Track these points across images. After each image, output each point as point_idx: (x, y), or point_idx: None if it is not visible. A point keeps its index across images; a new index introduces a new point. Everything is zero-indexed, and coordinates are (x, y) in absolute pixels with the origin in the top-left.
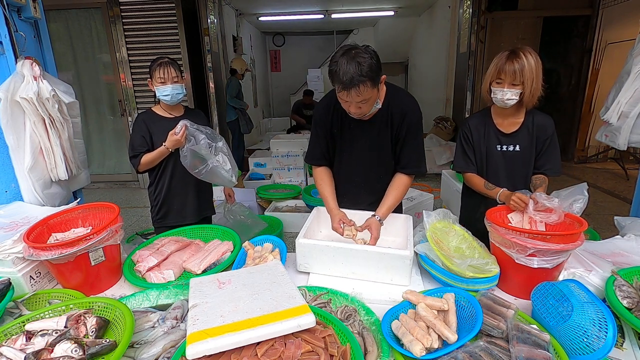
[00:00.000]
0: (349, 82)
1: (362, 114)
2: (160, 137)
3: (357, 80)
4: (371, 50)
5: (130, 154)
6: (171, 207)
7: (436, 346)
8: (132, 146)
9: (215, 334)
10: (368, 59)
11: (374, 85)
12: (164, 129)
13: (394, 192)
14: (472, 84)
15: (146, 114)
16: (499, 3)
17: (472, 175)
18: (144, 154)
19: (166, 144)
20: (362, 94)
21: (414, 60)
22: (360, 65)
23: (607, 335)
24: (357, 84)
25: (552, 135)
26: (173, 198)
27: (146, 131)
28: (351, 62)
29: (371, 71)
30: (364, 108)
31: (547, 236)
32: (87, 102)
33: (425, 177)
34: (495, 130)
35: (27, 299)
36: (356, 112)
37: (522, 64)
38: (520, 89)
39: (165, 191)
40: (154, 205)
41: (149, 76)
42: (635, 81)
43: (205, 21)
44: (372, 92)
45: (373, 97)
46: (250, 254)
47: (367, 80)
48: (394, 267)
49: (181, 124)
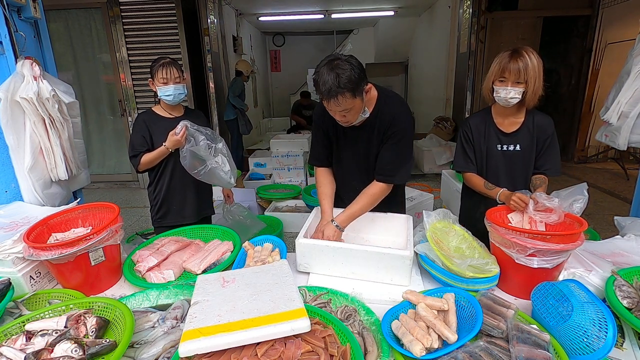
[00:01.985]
0: (327, 93)
1: (348, 122)
2: (160, 137)
3: (334, 91)
4: (353, 61)
5: (131, 154)
6: (170, 207)
7: (436, 346)
8: (132, 146)
9: (209, 333)
10: (348, 70)
11: (355, 96)
12: (164, 129)
13: (361, 200)
14: (472, 84)
15: (146, 113)
16: (499, 3)
17: (472, 175)
18: (144, 154)
19: (166, 144)
20: (342, 104)
21: (414, 60)
22: (338, 77)
23: (607, 335)
24: (335, 95)
25: (552, 135)
26: (172, 198)
27: (146, 131)
28: (330, 72)
29: (350, 82)
30: (349, 117)
31: (547, 236)
32: (87, 102)
33: (425, 177)
34: (495, 130)
35: (27, 299)
36: (341, 120)
37: (526, 62)
38: (523, 87)
39: (164, 191)
40: (154, 205)
41: (150, 76)
42: (635, 81)
43: (205, 21)
44: (354, 102)
45: (356, 107)
46: (250, 254)
47: (345, 92)
48: (394, 267)
49: (181, 124)
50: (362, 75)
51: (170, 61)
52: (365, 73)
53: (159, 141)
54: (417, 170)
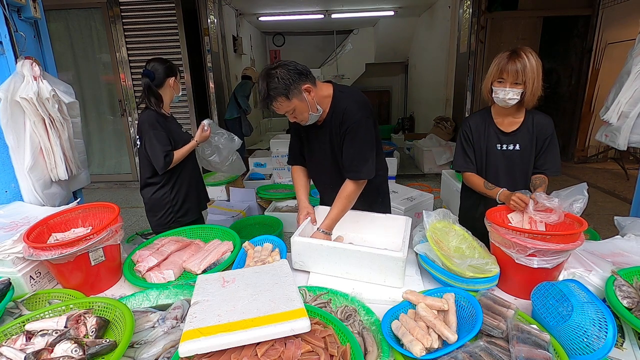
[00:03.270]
0: (262, 101)
1: (304, 121)
2: (174, 135)
3: (267, 98)
4: (289, 66)
5: (163, 153)
6: (192, 202)
7: (436, 346)
8: (161, 145)
9: (209, 333)
10: (274, 76)
11: (289, 98)
12: (175, 127)
13: (338, 203)
14: (472, 84)
15: (154, 113)
16: (499, 3)
17: (472, 174)
18: (173, 152)
19: (196, 138)
20: (280, 108)
21: (414, 60)
22: (268, 85)
23: (607, 335)
24: (270, 101)
25: (552, 135)
26: (192, 193)
27: (165, 129)
28: (263, 82)
29: (277, 88)
30: (298, 117)
31: (547, 236)
32: (87, 102)
33: (425, 177)
34: (495, 129)
35: (27, 299)
36: (293, 120)
37: (524, 63)
38: (521, 88)
39: (186, 187)
40: (172, 205)
41: (172, 74)
42: (635, 81)
43: (205, 21)
44: (290, 103)
45: (299, 107)
46: (250, 254)
47: (276, 96)
48: (387, 269)
49: (207, 121)
50: (297, 77)
51: None
52: (306, 74)
53: (175, 140)
54: (417, 170)
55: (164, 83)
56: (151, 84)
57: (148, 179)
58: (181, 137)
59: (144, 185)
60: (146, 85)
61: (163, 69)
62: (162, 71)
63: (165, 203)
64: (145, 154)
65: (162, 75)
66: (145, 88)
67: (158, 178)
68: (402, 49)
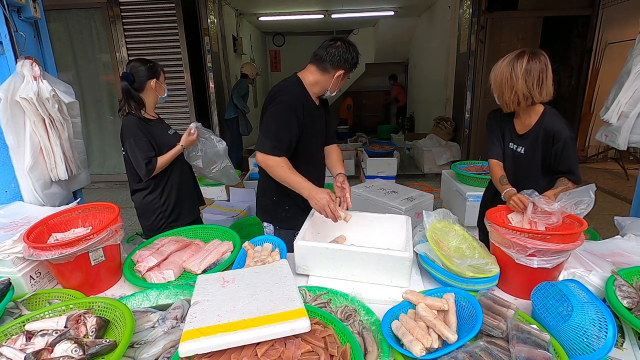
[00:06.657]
0: (357, 64)
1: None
2: (159, 140)
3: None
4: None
5: (144, 160)
6: (183, 206)
7: (436, 346)
8: (141, 153)
9: (209, 333)
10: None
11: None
12: (160, 131)
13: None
14: (472, 84)
15: (135, 119)
16: (499, 3)
17: (496, 163)
18: (156, 158)
19: (182, 143)
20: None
21: (414, 60)
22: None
23: (607, 335)
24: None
25: (565, 142)
26: (184, 196)
27: (146, 135)
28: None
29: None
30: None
31: (547, 236)
32: (87, 102)
33: (425, 177)
34: (511, 128)
35: (27, 299)
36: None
37: (493, 71)
38: (497, 94)
39: (176, 191)
40: (163, 211)
41: (152, 76)
42: (635, 81)
43: (205, 21)
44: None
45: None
46: (250, 254)
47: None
48: (393, 269)
49: (194, 125)
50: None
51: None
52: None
53: (159, 144)
54: (417, 170)
55: (144, 86)
56: (130, 88)
57: (136, 184)
58: (167, 141)
59: (133, 191)
60: (125, 89)
61: (144, 70)
62: (142, 73)
63: (156, 208)
64: (129, 160)
65: (143, 77)
66: (124, 92)
67: (145, 184)
68: (402, 49)
